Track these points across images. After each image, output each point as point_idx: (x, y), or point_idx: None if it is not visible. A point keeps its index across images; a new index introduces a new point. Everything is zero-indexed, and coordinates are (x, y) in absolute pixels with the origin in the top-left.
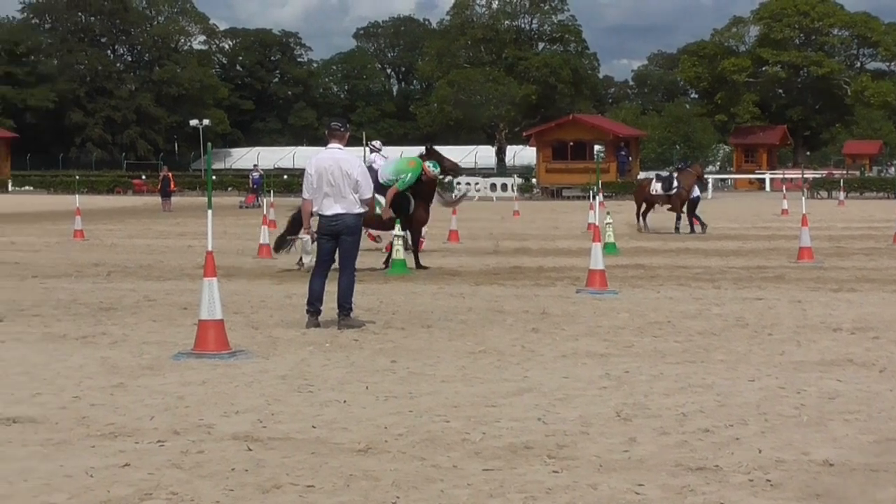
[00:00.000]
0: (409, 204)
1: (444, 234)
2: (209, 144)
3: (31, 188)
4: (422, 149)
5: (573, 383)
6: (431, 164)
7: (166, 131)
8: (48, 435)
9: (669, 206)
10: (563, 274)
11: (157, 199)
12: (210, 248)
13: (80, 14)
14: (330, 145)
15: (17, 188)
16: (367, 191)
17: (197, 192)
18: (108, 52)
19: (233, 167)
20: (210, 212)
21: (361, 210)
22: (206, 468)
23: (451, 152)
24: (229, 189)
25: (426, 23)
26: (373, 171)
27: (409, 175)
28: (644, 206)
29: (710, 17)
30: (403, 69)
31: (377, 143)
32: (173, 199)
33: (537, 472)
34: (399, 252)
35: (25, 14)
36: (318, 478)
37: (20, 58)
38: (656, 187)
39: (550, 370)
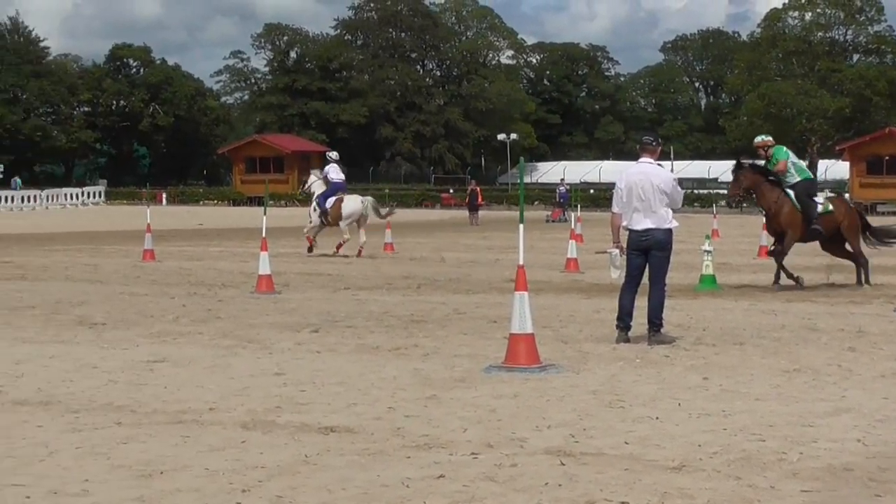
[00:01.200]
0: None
1: (754, 250)
2: (521, 159)
3: None
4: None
5: (894, 404)
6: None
7: (474, 145)
8: (365, 445)
9: None
10: (879, 291)
11: (465, 213)
12: (521, 262)
13: (390, 30)
14: (641, 159)
15: None
16: (678, 206)
17: (503, 206)
18: (418, 67)
19: (539, 181)
20: (521, 226)
21: (672, 225)
22: (519, 482)
23: None
24: (535, 203)
25: (736, 35)
26: (330, 183)
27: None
28: None
29: None
30: (712, 82)
31: (334, 155)
32: (480, 212)
33: (858, 495)
34: (709, 267)
35: (339, 31)
36: (632, 494)
37: (333, 73)
38: None
39: (869, 390)
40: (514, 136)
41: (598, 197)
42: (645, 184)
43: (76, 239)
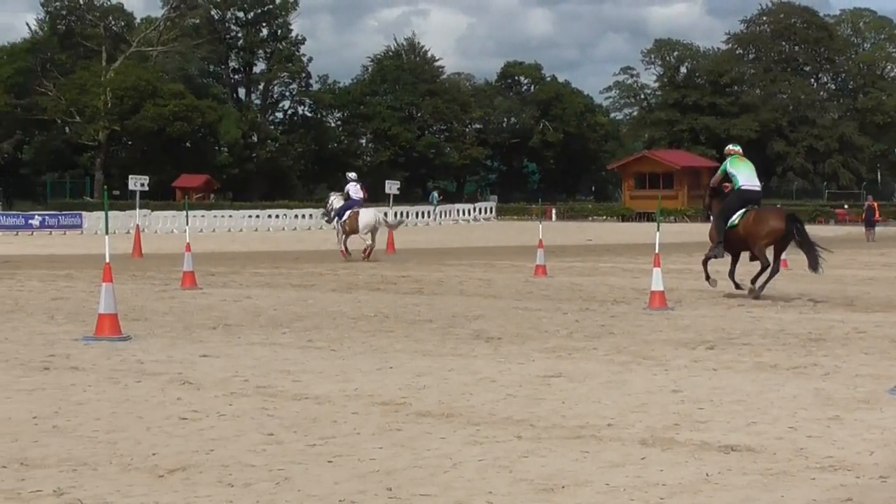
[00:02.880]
0: None
1: None
2: None
3: None
4: None
5: None
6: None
7: (869, 160)
8: (767, 465)
9: None
10: None
11: (860, 229)
12: None
13: (784, 43)
14: None
15: None
16: None
17: None
18: (812, 80)
19: None
20: None
21: None
22: None
23: None
24: None
25: None
26: (349, 199)
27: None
28: None
29: None
30: None
31: (352, 175)
32: (877, 228)
33: None
34: None
35: (730, 45)
36: None
37: (724, 88)
38: None
39: None
40: None
41: None
42: None
43: (469, 254)
